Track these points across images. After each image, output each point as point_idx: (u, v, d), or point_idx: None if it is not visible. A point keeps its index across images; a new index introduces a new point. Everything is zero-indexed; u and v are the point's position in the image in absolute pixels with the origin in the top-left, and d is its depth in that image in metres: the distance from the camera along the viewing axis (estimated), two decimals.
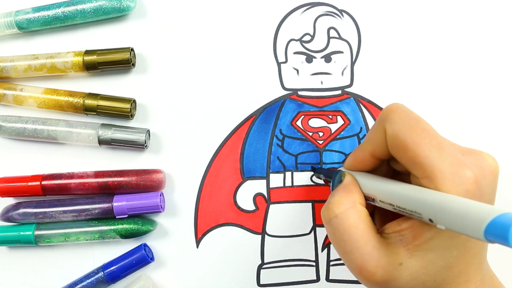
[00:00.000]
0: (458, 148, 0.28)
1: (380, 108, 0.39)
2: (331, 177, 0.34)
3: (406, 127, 0.26)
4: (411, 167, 0.26)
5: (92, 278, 0.36)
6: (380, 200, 0.28)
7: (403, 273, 0.26)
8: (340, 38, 0.39)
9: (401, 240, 0.26)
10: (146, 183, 0.37)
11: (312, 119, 0.39)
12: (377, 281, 0.26)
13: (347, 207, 0.28)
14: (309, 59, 0.39)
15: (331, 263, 0.38)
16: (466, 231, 0.22)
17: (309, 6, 0.39)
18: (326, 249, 0.38)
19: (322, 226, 0.38)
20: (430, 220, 0.24)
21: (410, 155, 0.25)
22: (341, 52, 0.39)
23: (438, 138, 0.26)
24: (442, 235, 0.25)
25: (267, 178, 0.38)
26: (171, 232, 0.38)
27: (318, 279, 0.38)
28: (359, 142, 0.38)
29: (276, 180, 0.38)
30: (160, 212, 0.37)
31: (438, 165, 0.25)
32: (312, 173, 0.38)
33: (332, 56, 0.39)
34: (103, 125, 0.37)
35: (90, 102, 0.37)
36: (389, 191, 0.27)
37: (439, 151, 0.25)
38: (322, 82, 0.39)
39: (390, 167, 0.30)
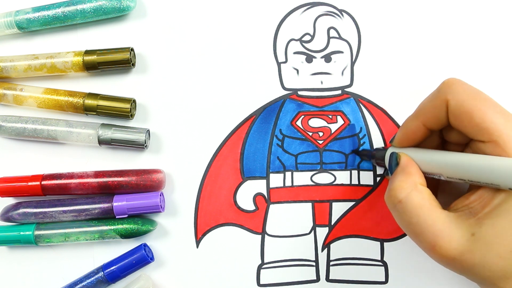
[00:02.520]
0: None
1: (380, 108, 0.39)
2: (381, 158, 0.34)
3: (470, 96, 0.27)
4: (476, 133, 0.27)
5: (92, 278, 0.36)
6: (448, 176, 0.28)
7: (477, 244, 0.26)
8: (340, 38, 0.39)
9: (470, 212, 0.27)
10: (146, 183, 0.37)
11: (312, 119, 0.39)
12: (453, 255, 0.26)
13: (409, 190, 0.28)
14: (309, 59, 0.39)
15: (331, 263, 0.38)
16: None
17: (309, 6, 0.39)
18: (326, 249, 0.38)
19: (322, 226, 0.38)
20: (510, 188, 0.25)
21: (476, 122, 0.26)
22: (341, 52, 0.39)
23: (500, 106, 0.27)
24: (510, 199, 0.26)
25: (267, 178, 0.38)
26: (171, 232, 0.38)
27: (318, 279, 0.38)
28: (359, 142, 0.38)
29: (276, 180, 0.38)
30: (160, 212, 0.37)
31: (505, 129, 0.26)
32: (312, 172, 0.38)
33: (332, 56, 0.39)
34: (103, 125, 0.37)
35: (90, 102, 0.37)
36: (457, 166, 0.27)
37: (504, 117, 0.26)
38: (322, 82, 0.39)
39: (438, 139, 0.32)
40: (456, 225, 0.27)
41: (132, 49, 0.38)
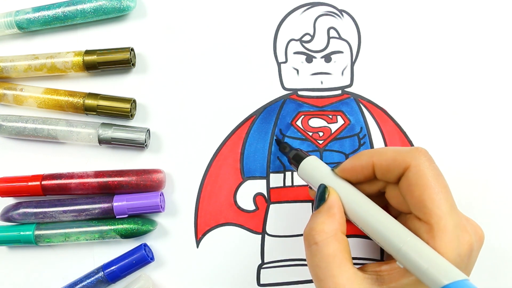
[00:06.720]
0: (461, 213, 0.28)
1: (380, 108, 0.39)
2: (297, 161, 0.33)
3: (432, 174, 0.27)
4: (419, 209, 0.27)
5: (92, 278, 0.36)
6: (361, 227, 0.29)
7: None
8: (340, 38, 0.39)
9: (377, 279, 0.27)
10: (146, 183, 0.37)
11: (312, 119, 0.39)
12: None
13: (329, 235, 0.28)
14: (309, 59, 0.39)
15: None
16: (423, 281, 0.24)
17: (309, 6, 0.39)
18: None
19: None
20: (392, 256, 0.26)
21: (423, 198, 0.26)
22: (341, 52, 0.39)
23: (452, 198, 0.27)
24: (420, 285, 0.26)
25: (267, 178, 0.38)
26: (171, 232, 0.38)
27: None
28: (359, 142, 0.38)
29: (276, 180, 0.38)
30: (160, 212, 0.37)
31: (446, 220, 0.26)
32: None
33: (332, 56, 0.39)
34: (103, 124, 0.37)
35: (90, 102, 0.37)
36: (381, 231, 0.27)
37: (451, 208, 0.26)
38: (322, 82, 0.39)
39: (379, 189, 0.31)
40: (359, 286, 0.27)
41: (132, 49, 0.38)
